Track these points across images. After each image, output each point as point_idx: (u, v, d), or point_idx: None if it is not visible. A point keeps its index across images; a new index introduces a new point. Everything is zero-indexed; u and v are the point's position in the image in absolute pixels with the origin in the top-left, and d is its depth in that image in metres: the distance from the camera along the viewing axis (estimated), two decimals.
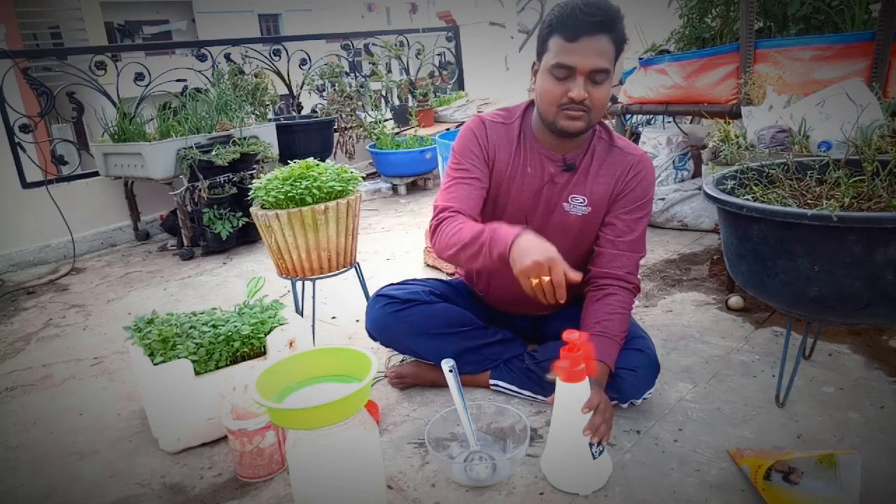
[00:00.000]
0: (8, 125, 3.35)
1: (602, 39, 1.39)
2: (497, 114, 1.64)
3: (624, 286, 1.56)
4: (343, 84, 4.59)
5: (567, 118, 1.46)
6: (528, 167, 1.59)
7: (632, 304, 1.59)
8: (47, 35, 9.90)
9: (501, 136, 1.60)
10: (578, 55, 1.39)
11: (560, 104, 1.44)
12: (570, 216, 1.60)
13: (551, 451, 1.36)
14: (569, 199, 1.59)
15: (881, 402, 1.55)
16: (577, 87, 1.41)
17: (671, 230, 3.05)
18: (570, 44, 1.39)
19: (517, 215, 1.61)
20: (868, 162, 1.38)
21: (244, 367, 1.58)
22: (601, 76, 1.42)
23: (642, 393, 1.54)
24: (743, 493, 1.27)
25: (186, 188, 3.19)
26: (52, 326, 2.53)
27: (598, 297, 1.55)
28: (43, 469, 1.56)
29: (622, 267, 1.57)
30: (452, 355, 1.54)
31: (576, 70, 1.40)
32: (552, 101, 1.45)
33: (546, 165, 1.58)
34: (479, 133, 1.60)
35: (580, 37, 1.38)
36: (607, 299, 1.54)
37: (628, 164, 1.59)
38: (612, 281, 1.56)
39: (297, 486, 1.20)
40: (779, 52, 2.41)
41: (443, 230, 1.48)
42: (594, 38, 1.38)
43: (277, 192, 1.86)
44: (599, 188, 1.58)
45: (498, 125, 1.61)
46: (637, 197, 1.59)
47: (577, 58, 1.39)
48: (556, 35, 1.41)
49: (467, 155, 1.58)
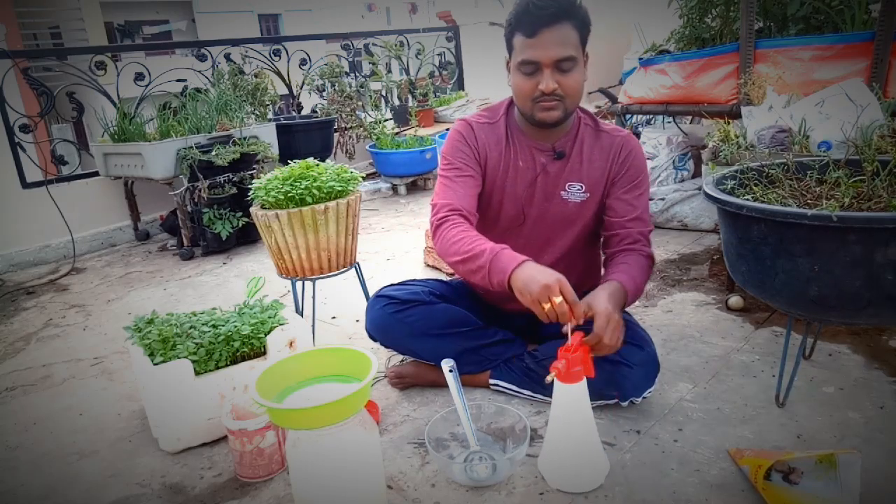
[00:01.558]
0: (8, 125, 3.35)
1: (562, 28, 1.42)
2: (481, 115, 1.67)
3: (639, 253, 1.57)
4: (343, 84, 4.59)
5: (543, 110, 1.49)
6: (520, 160, 1.61)
7: (649, 268, 1.58)
8: (47, 35, 9.91)
9: (489, 136, 1.62)
10: (539, 49, 1.42)
11: (533, 98, 1.48)
12: (568, 204, 1.62)
13: (549, 451, 1.36)
14: (566, 186, 1.62)
15: (881, 402, 1.55)
16: (545, 79, 1.44)
17: (671, 230, 3.05)
18: (530, 39, 1.43)
19: (515, 209, 1.63)
20: (868, 162, 1.38)
21: (244, 367, 1.58)
22: (567, 64, 1.44)
23: (642, 391, 1.54)
24: (743, 493, 1.27)
25: (186, 188, 3.19)
26: (52, 326, 2.53)
27: (614, 259, 1.58)
28: (43, 469, 1.56)
29: (634, 242, 1.58)
30: (452, 355, 1.54)
31: (540, 64, 1.43)
32: (525, 96, 1.49)
33: (536, 156, 1.61)
34: (467, 135, 1.62)
35: (538, 30, 1.41)
36: (625, 256, 1.56)
37: (618, 145, 1.62)
38: (629, 251, 1.58)
39: (297, 486, 1.20)
40: (779, 52, 2.42)
41: (444, 235, 1.50)
42: (552, 28, 1.41)
43: (277, 192, 1.86)
44: (595, 172, 1.61)
45: (484, 125, 1.64)
46: (633, 175, 1.62)
47: (538, 52, 1.42)
48: (518, 33, 1.45)
49: (458, 155, 1.60)
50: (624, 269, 1.52)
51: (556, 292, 1.26)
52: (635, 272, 1.52)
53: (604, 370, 1.52)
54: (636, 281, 1.51)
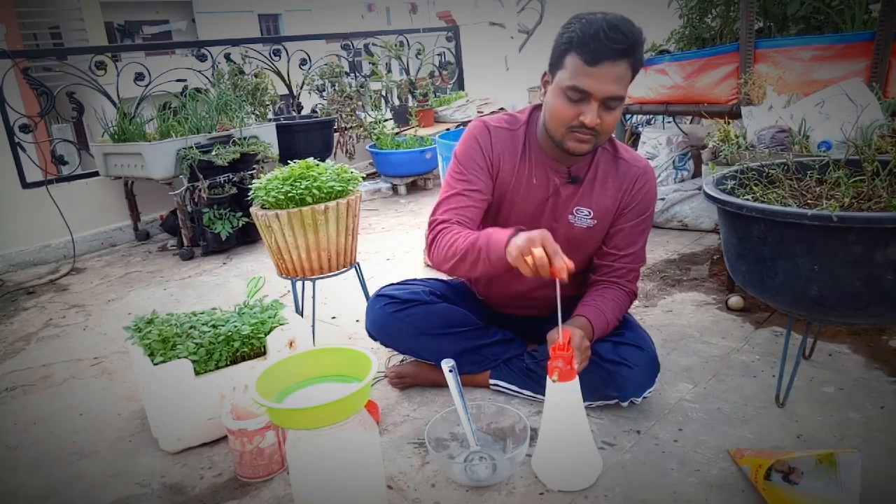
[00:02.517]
0: (8, 125, 3.35)
1: (621, 66, 1.34)
2: (502, 118, 1.61)
3: (621, 288, 1.61)
4: (343, 84, 4.59)
5: (575, 140, 1.43)
6: (534, 178, 1.57)
7: (627, 304, 1.62)
8: (47, 35, 9.90)
9: (506, 143, 1.57)
10: (596, 81, 1.34)
11: (570, 126, 1.41)
12: (574, 228, 1.60)
13: (543, 451, 1.36)
14: (574, 211, 1.59)
15: (881, 402, 1.55)
16: (590, 112, 1.37)
17: (671, 230, 3.05)
18: (589, 67, 1.33)
19: (522, 225, 1.61)
20: (868, 162, 1.38)
21: (244, 367, 1.58)
22: (615, 103, 1.39)
23: (642, 391, 1.54)
24: (743, 493, 1.27)
25: (186, 188, 3.19)
26: (52, 326, 2.53)
27: (594, 290, 1.61)
28: (43, 469, 1.56)
29: (622, 277, 1.61)
30: (452, 355, 1.54)
31: (591, 96, 1.36)
32: (562, 122, 1.42)
33: (551, 177, 1.57)
34: (483, 141, 1.56)
35: (601, 61, 1.32)
36: (603, 291, 1.60)
37: (633, 175, 1.59)
38: (610, 284, 1.61)
39: (297, 486, 1.20)
40: (779, 52, 2.42)
41: (438, 244, 1.48)
42: (615, 63, 1.33)
43: (277, 192, 1.86)
44: (606, 201, 1.58)
45: (503, 131, 1.58)
46: (641, 209, 1.60)
47: (594, 83, 1.34)
48: (575, 54, 1.35)
49: (470, 165, 1.55)
50: (599, 303, 1.55)
51: (538, 244, 1.22)
52: (608, 307, 1.55)
53: (604, 370, 1.53)
54: (606, 315, 1.54)
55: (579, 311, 1.54)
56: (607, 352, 1.54)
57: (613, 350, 1.54)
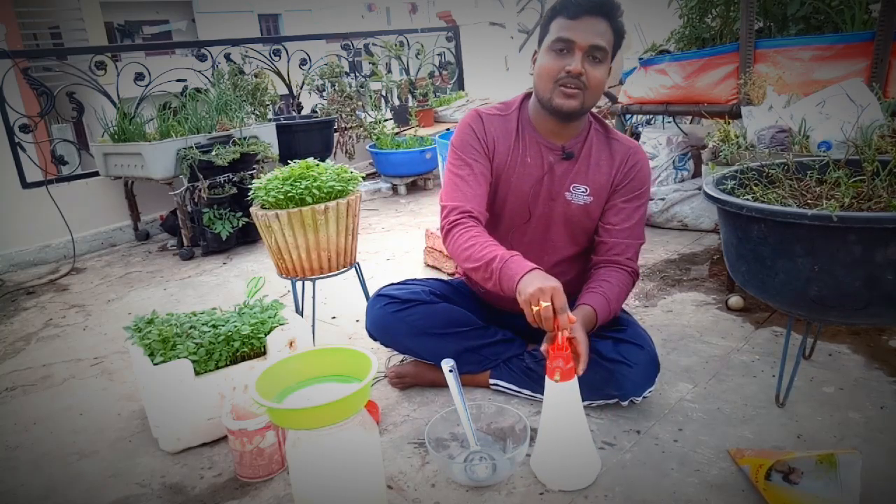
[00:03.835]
0: (8, 125, 3.35)
1: (602, 22, 1.46)
2: (494, 107, 1.68)
3: (622, 268, 1.61)
4: (343, 84, 4.59)
5: (562, 95, 1.50)
6: (528, 157, 1.61)
7: (629, 284, 1.62)
8: (47, 35, 9.91)
9: (499, 128, 1.63)
10: (578, 31, 1.45)
11: (557, 79, 1.49)
12: (571, 205, 1.63)
13: (542, 450, 1.36)
14: (570, 188, 1.62)
15: (881, 402, 1.55)
16: (575, 60, 1.46)
17: (671, 230, 3.05)
18: (571, 21, 1.46)
19: (519, 206, 1.63)
20: (868, 162, 1.38)
21: (244, 367, 1.58)
22: (600, 54, 1.47)
23: (642, 391, 1.54)
24: (743, 493, 1.27)
25: (186, 188, 3.19)
26: (52, 326, 2.53)
27: (597, 273, 1.61)
28: (43, 469, 1.56)
29: (622, 253, 1.62)
30: (452, 355, 1.54)
31: (575, 44, 1.45)
32: (550, 76, 1.50)
33: (545, 154, 1.61)
34: (476, 127, 1.62)
35: (581, 15, 1.45)
36: (605, 273, 1.60)
37: (626, 153, 1.64)
38: (611, 264, 1.62)
39: (297, 486, 1.20)
40: (779, 52, 2.42)
41: (455, 239, 1.51)
42: (595, 18, 1.46)
43: (277, 192, 1.86)
44: (601, 177, 1.62)
45: (495, 117, 1.64)
46: (636, 186, 1.63)
47: (576, 33, 1.45)
48: (559, 17, 1.48)
49: (468, 150, 1.60)
50: (604, 288, 1.55)
51: (547, 297, 1.28)
52: (613, 293, 1.55)
53: (604, 369, 1.53)
54: (610, 303, 1.54)
55: (583, 300, 1.53)
56: (607, 350, 1.54)
57: (614, 348, 1.55)
